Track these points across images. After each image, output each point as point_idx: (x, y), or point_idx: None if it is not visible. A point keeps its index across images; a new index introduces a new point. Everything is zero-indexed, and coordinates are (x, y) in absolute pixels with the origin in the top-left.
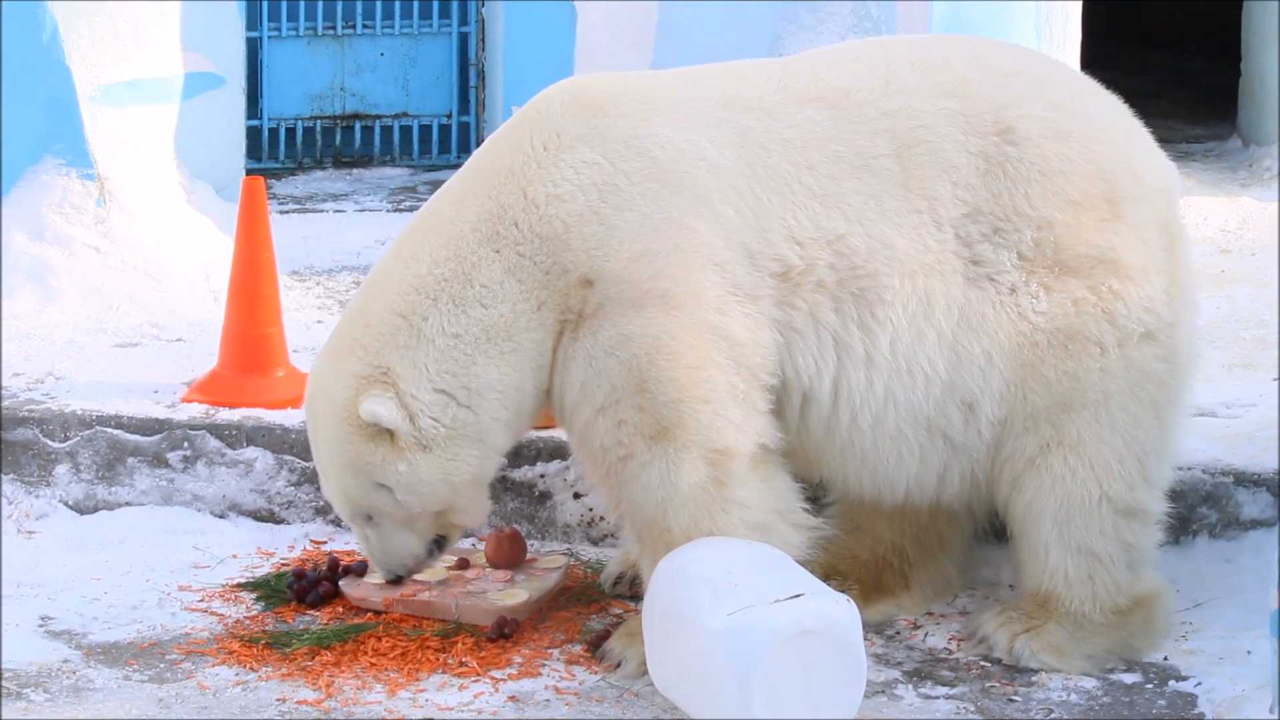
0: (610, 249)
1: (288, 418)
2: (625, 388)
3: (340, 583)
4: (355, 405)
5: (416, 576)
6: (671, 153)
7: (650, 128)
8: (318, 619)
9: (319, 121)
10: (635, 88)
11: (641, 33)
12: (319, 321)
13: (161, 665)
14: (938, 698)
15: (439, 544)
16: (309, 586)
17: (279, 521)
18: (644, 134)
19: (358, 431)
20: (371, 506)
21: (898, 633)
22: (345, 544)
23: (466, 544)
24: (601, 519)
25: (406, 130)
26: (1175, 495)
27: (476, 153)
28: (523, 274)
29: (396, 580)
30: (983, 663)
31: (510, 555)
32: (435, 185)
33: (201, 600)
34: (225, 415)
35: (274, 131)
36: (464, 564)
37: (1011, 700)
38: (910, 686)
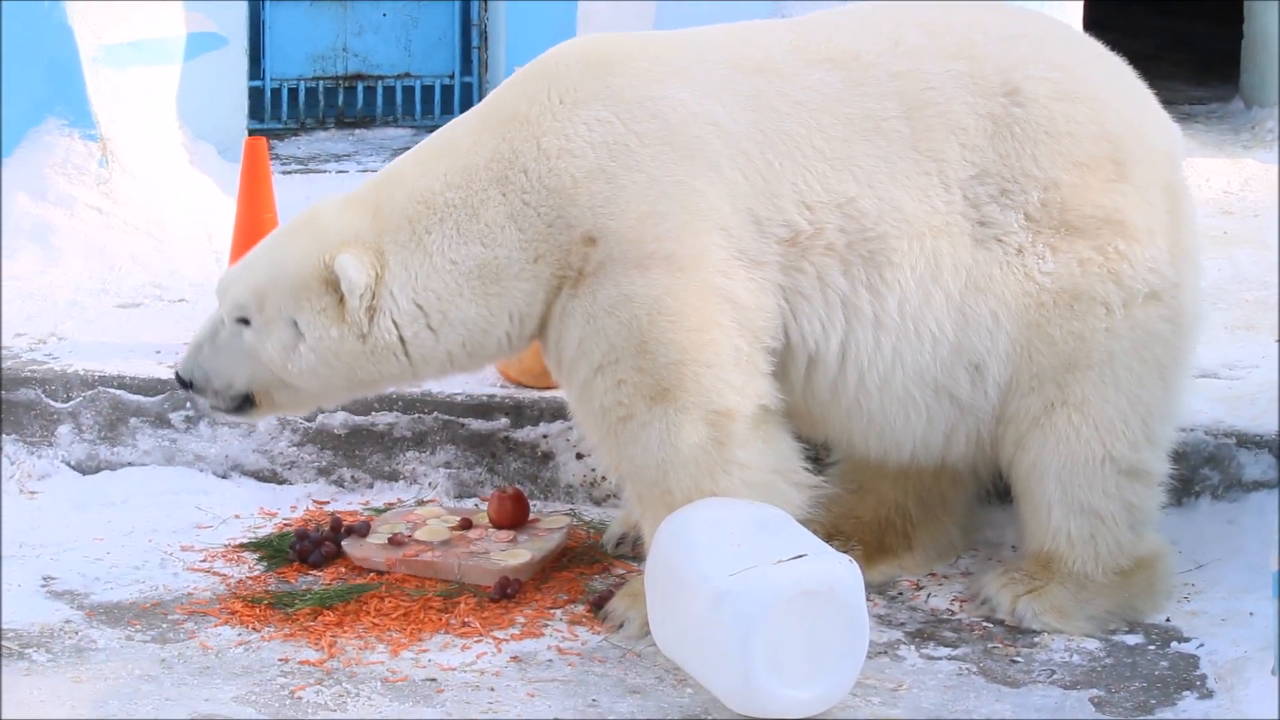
0: (617, 208)
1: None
2: (625, 348)
3: (343, 543)
4: (339, 249)
5: (419, 537)
6: (684, 116)
7: (664, 90)
8: (320, 579)
9: (321, 82)
10: (650, 49)
11: None
12: None
13: (164, 625)
14: (940, 658)
15: (245, 404)
16: (311, 547)
17: (281, 482)
18: (658, 96)
19: (321, 267)
20: (261, 322)
21: (900, 593)
22: (348, 504)
23: (469, 504)
24: (604, 479)
25: (409, 91)
26: (1178, 457)
27: (493, 94)
28: (525, 223)
29: (180, 384)
30: (985, 624)
31: (513, 516)
32: None
33: (204, 560)
34: None
35: (276, 92)
36: (467, 524)
37: (1014, 661)
38: (913, 647)
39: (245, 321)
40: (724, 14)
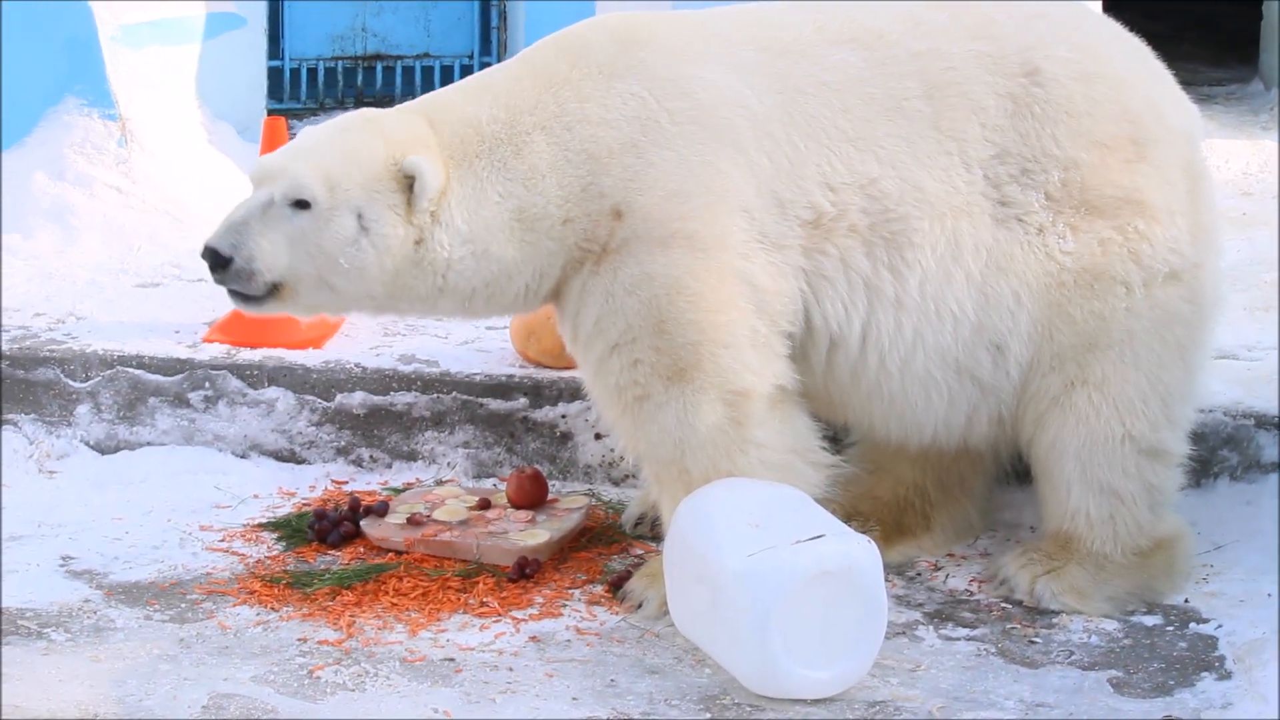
0: (644, 184)
1: (309, 358)
2: (643, 327)
3: (361, 523)
4: (410, 147)
5: (437, 517)
6: (714, 96)
7: (696, 69)
8: (339, 559)
9: (340, 62)
10: (681, 28)
11: None
12: None
13: (182, 605)
14: (958, 639)
15: (271, 293)
16: (330, 526)
17: (300, 461)
18: (690, 75)
19: (391, 164)
20: (325, 208)
21: (918, 574)
22: (366, 484)
23: (488, 484)
24: (622, 460)
25: (428, 71)
26: (1196, 438)
27: (525, 52)
28: (564, 178)
29: (213, 260)
30: (1003, 604)
31: (531, 496)
32: None
33: (222, 540)
34: (246, 355)
35: (295, 72)
36: (485, 504)
37: (1032, 642)
38: (931, 628)
39: (303, 205)
40: None
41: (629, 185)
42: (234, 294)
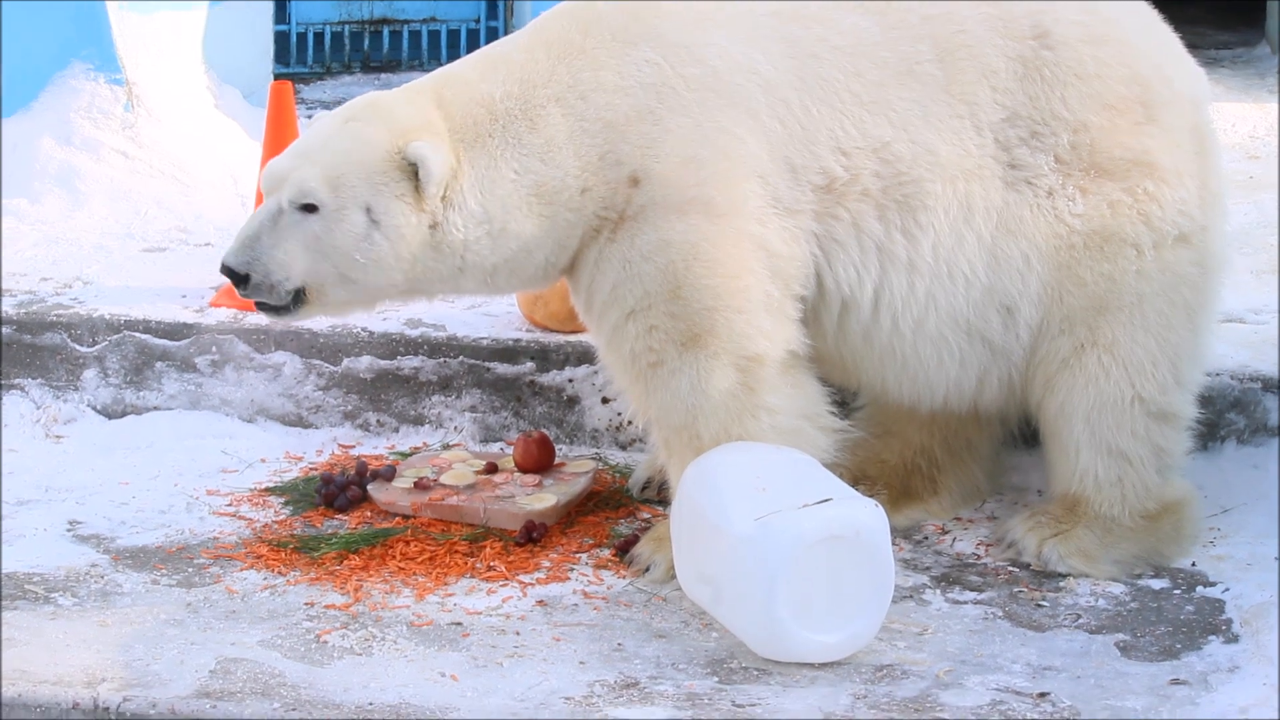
0: (661, 150)
1: (316, 322)
2: (659, 293)
3: (368, 487)
4: (414, 135)
5: (444, 481)
6: (728, 63)
7: (709, 36)
8: (346, 523)
9: (347, 26)
10: None
11: None
12: None
13: (189, 569)
14: (966, 603)
15: (297, 299)
16: (337, 491)
17: (307, 426)
18: (704, 42)
19: (395, 153)
20: (332, 209)
21: (926, 538)
22: (373, 449)
23: (495, 448)
24: (629, 424)
25: (435, 35)
26: (1204, 401)
27: (538, 21)
28: (581, 148)
29: (232, 277)
30: (1011, 568)
31: (538, 460)
32: None
33: (229, 504)
34: (253, 319)
35: (302, 36)
36: (492, 468)
37: (1039, 605)
38: (938, 591)
39: (310, 209)
40: None
41: (646, 152)
42: (261, 306)
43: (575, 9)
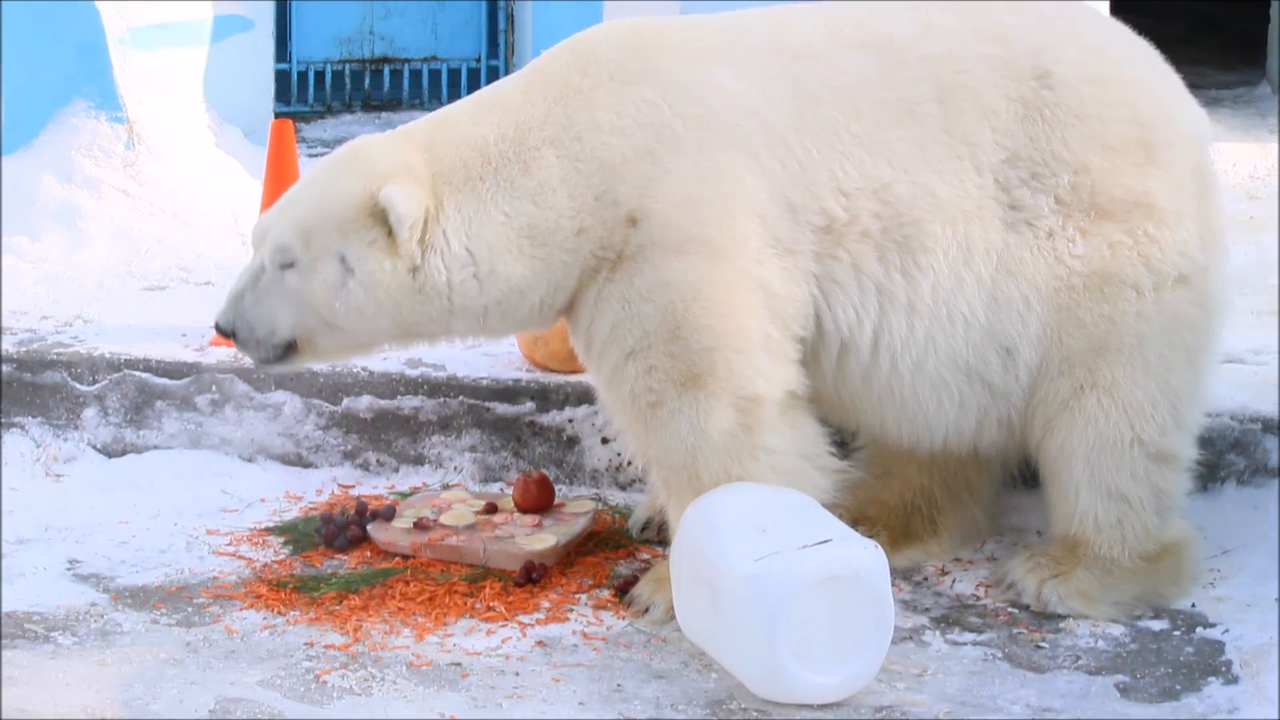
0: (660, 191)
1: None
2: (658, 333)
3: (368, 527)
4: (387, 180)
5: (444, 521)
6: (728, 103)
7: (709, 75)
8: (345, 563)
9: (348, 65)
10: (693, 33)
11: None
12: None
13: (189, 609)
14: (965, 644)
15: (287, 351)
16: (337, 530)
17: (307, 465)
18: (704, 81)
19: (368, 199)
20: (307, 261)
21: (925, 579)
22: (373, 488)
23: (495, 488)
24: (629, 464)
25: (435, 74)
26: (1203, 442)
27: (537, 62)
28: (575, 190)
29: (222, 333)
30: (1010, 609)
31: (538, 500)
32: None
33: (229, 544)
34: None
35: (303, 75)
36: (492, 509)
37: (1039, 647)
38: (938, 632)
39: (289, 265)
40: None
41: (644, 192)
42: (258, 360)
43: (575, 47)
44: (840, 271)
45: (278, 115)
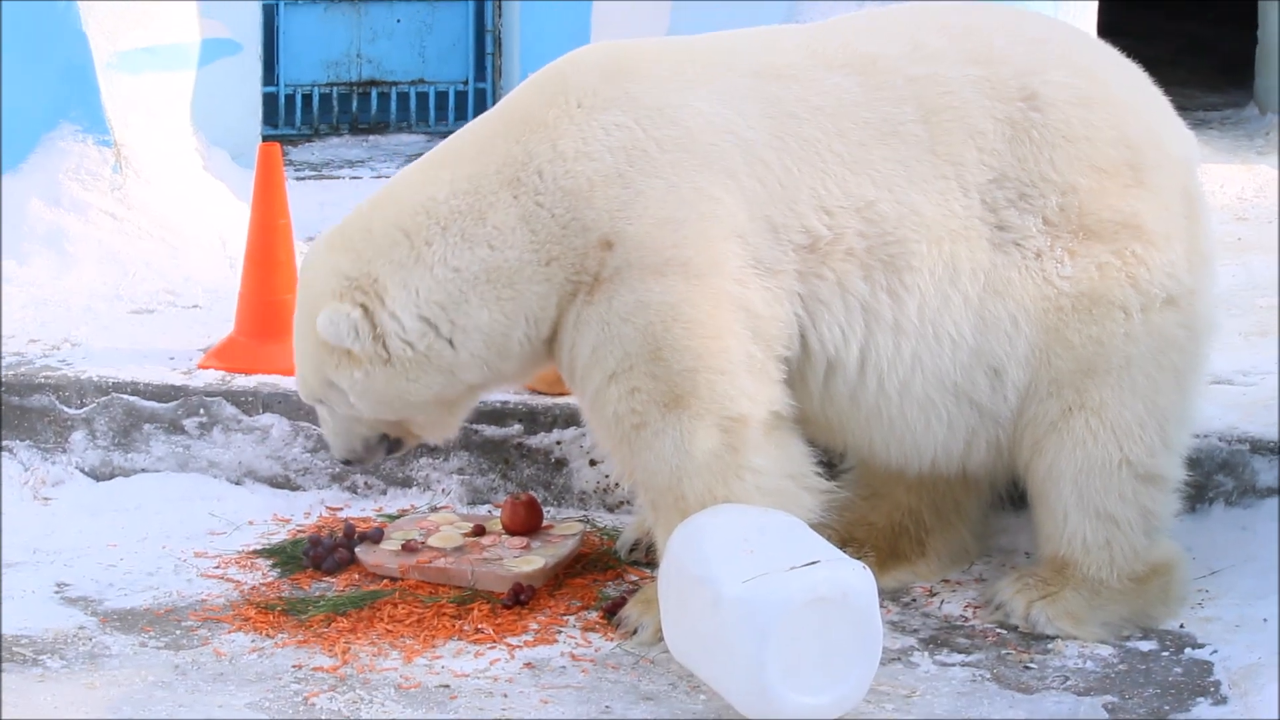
0: (634, 213)
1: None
2: (639, 355)
3: (356, 549)
4: (319, 307)
5: (432, 543)
6: (703, 124)
7: (684, 98)
8: (334, 586)
9: (335, 88)
10: (669, 56)
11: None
12: None
13: (177, 632)
14: (954, 665)
15: (394, 444)
16: (325, 553)
17: (295, 488)
18: (678, 104)
19: (317, 332)
20: (325, 397)
21: (914, 600)
22: (361, 511)
23: (483, 510)
24: (617, 486)
25: (423, 97)
26: (1192, 463)
27: (506, 99)
28: (537, 224)
29: (347, 463)
30: (999, 630)
31: (526, 522)
32: None
33: (217, 567)
34: (241, 382)
35: (290, 98)
36: (480, 531)
37: (1027, 668)
38: (926, 654)
39: (321, 403)
40: (739, 16)
41: (616, 216)
42: (385, 461)
43: (542, 81)
44: (825, 290)
45: (265, 138)
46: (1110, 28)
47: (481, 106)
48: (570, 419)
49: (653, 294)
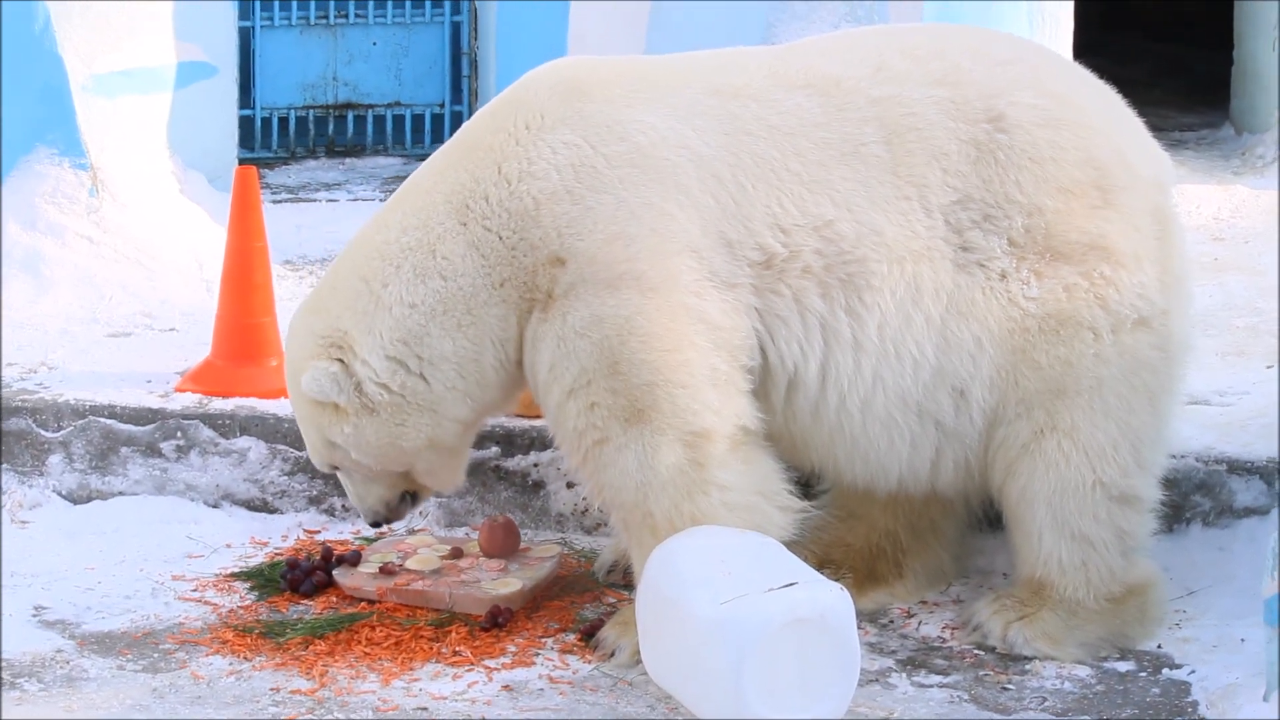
0: (584, 229)
1: (281, 407)
2: (597, 370)
3: (334, 572)
4: (301, 371)
5: (410, 566)
6: (654, 139)
7: (634, 114)
8: (311, 608)
9: (312, 111)
10: (623, 73)
11: (634, 23)
12: None
13: (155, 655)
14: (931, 686)
15: (412, 498)
16: (302, 576)
17: (272, 511)
18: (627, 120)
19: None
20: (333, 459)
21: (891, 621)
22: (339, 534)
23: (460, 533)
24: (594, 508)
25: (399, 119)
26: (1169, 483)
27: (462, 128)
28: (486, 249)
29: (375, 524)
30: (976, 651)
31: (504, 544)
32: None
33: (195, 590)
34: (218, 405)
35: (267, 121)
36: (458, 553)
37: (1005, 689)
38: (904, 675)
39: (334, 466)
40: (716, 31)
41: (565, 231)
42: (413, 515)
43: (498, 105)
44: (782, 307)
45: (242, 161)
46: (1086, 48)
47: (457, 129)
48: (547, 442)
49: (607, 308)
